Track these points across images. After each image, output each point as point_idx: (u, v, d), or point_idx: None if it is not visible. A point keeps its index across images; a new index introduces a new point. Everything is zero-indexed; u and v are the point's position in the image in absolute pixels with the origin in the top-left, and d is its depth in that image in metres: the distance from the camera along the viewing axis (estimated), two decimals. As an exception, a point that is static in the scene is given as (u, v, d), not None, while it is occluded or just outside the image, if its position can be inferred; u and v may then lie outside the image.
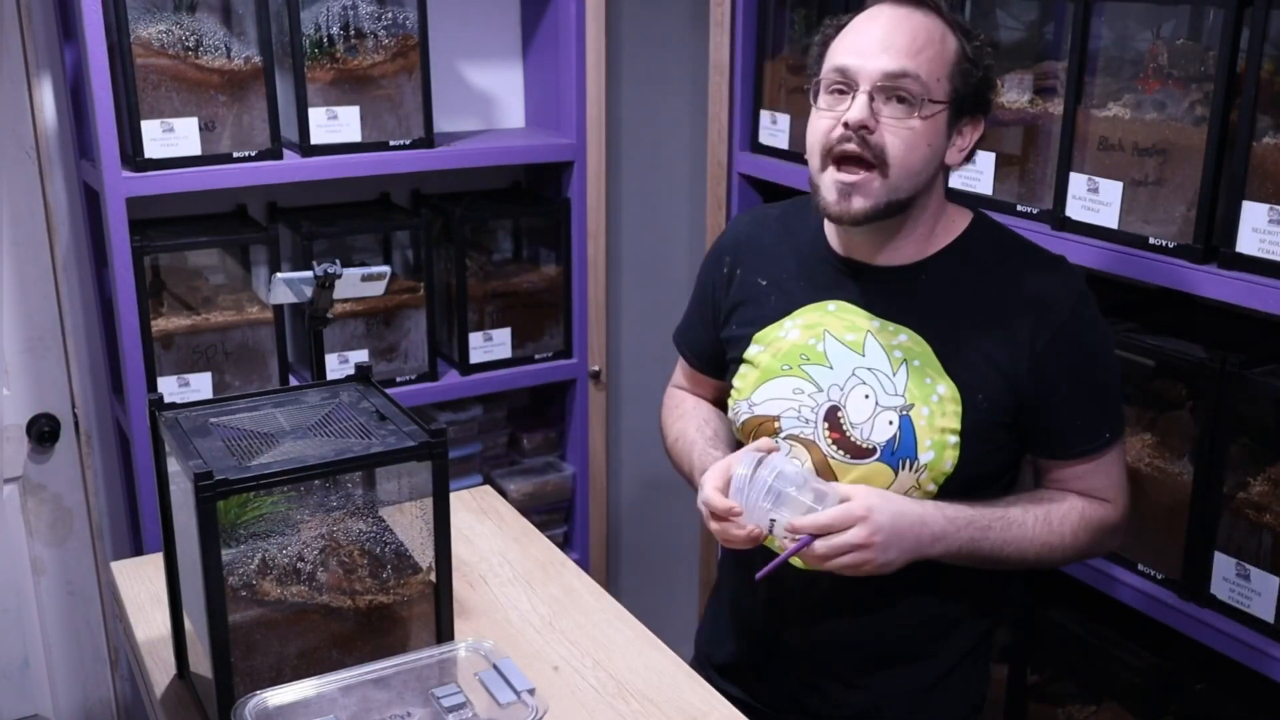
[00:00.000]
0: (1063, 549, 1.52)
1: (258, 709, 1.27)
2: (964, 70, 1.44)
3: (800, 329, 1.56)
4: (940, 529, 1.44)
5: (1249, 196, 1.57)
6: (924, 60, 1.41)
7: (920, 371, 1.48)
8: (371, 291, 1.95)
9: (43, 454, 2.54)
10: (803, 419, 1.53)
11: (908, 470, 1.49)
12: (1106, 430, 1.51)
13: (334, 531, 1.45)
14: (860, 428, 1.50)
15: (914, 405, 1.48)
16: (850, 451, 1.51)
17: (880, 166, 1.42)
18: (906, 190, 1.44)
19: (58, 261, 2.45)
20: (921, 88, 1.40)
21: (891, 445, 1.48)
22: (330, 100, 2.32)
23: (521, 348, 2.68)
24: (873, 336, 1.51)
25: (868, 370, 1.51)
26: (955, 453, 1.48)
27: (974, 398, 1.47)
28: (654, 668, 1.60)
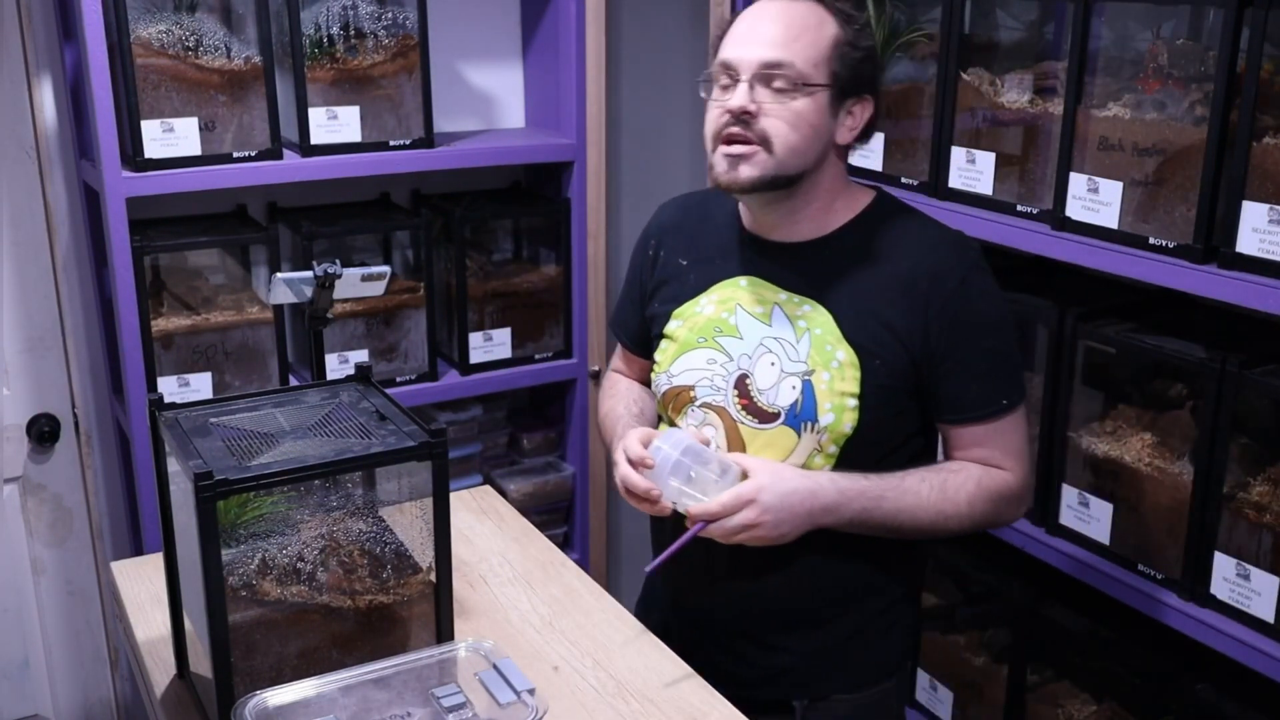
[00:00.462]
0: (959, 517, 1.57)
1: (258, 709, 1.27)
2: (842, 53, 1.53)
3: (715, 304, 1.65)
4: (832, 500, 1.52)
5: (1249, 196, 1.57)
6: (799, 48, 1.50)
7: (821, 339, 1.57)
8: (371, 291, 1.95)
9: (43, 454, 2.54)
10: (715, 388, 1.62)
11: (809, 433, 1.56)
12: (1003, 397, 1.57)
13: (334, 531, 1.45)
14: (766, 394, 1.58)
15: (815, 371, 1.56)
16: (758, 417, 1.58)
17: (764, 144, 1.51)
18: (794, 166, 1.53)
19: (58, 261, 2.45)
20: (797, 74, 1.50)
21: (794, 409, 1.56)
22: (330, 100, 2.32)
23: (521, 348, 2.68)
24: (779, 308, 1.60)
25: (774, 339, 1.59)
26: (854, 415, 1.55)
27: (871, 363, 1.55)
28: (654, 668, 1.60)
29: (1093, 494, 1.86)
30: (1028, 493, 1.63)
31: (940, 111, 2.00)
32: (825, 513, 1.52)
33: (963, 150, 1.98)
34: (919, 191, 2.06)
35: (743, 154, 1.52)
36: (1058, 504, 1.92)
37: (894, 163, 2.12)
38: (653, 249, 1.76)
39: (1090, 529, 1.87)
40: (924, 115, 2.05)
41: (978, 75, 1.96)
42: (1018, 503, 1.62)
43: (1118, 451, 1.83)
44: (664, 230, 1.77)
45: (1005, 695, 2.07)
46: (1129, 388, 1.90)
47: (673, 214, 1.78)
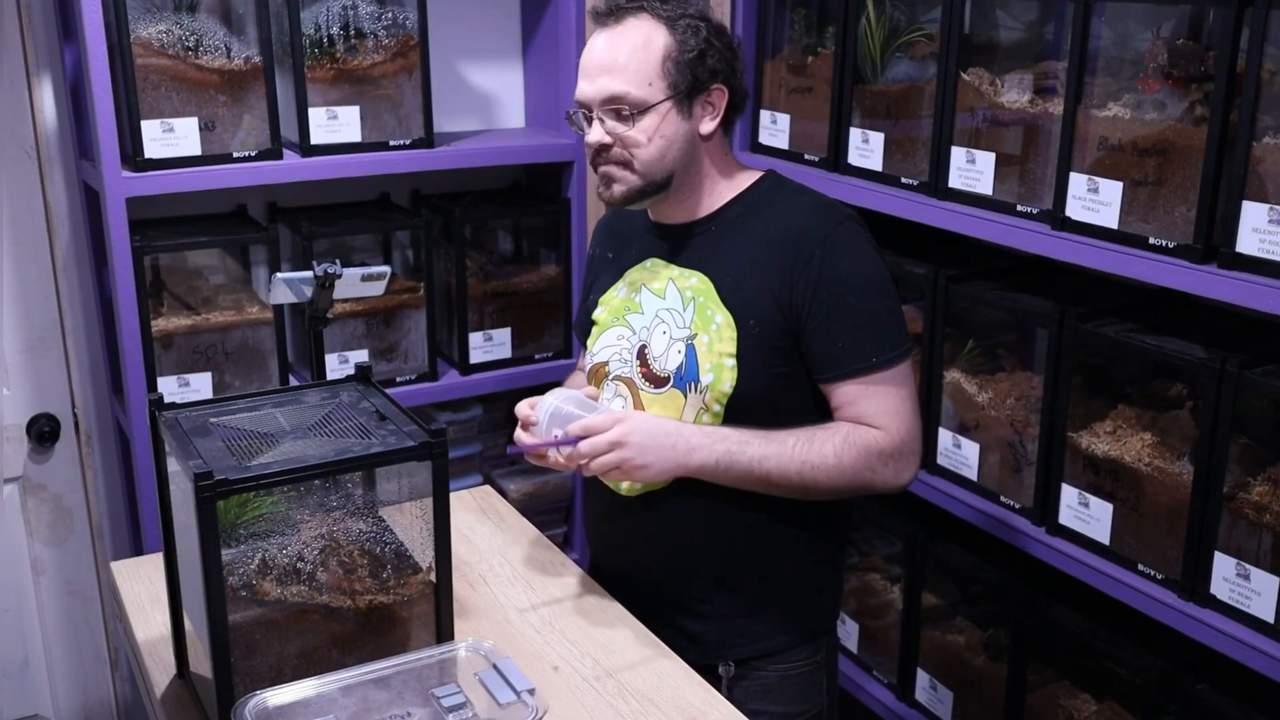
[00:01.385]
0: (826, 469, 1.62)
1: (258, 709, 1.27)
2: (675, 61, 1.62)
3: (626, 286, 1.79)
4: (696, 441, 1.61)
5: (1249, 196, 1.57)
6: (630, 74, 1.61)
7: (703, 306, 1.68)
8: (371, 291, 1.95)
9: (43, 454, 2.54)
10: (623, 360, 1.75)
11: (694, 393, 1.67)
12: (873, 355, 1.63)
13: (334, 531, 1.45)
14: (659, 360, 1.70)
15: (697, 335, 1.67)
16: (653, 382, 1.71)
17: (625, 166, 1.66)
18: (658, 174, 1.66)
19: (58, 261, 2.45)
20: (635, 100, 1.62)
21: (680, 371, 1.68)
22: (330, 100, 2.32)
23: (521, 348, 2.68)
24: (673, 283, 1.72)
25: (666, 310, 1.72)
26: (733, 374, 1.65)
27: (746, 323, 1.65)
28: (654, 668, 1.60)
29: (1093, 494, 1.86)
30: (908, 453, 1.66)
31: (940, 111, 2.00)
32: (690, 451, 1.61)
33: (963, 150, 1.98)
34: (919, 191, 2.06)
35: (609, 174, 1.67)
36: (1058, 504, 1.92)
37: (894, 163, 2.12)
38: (591, 250, 1.93)
39: (1090, 529, 1.87)
40: (924, 115, 2.05)
41: (978, 75, 1.96)
42: (894, 461, 1.65)
43: (1118, 451, 1.83)
44: (599, 232, 1.92)
45: (1005, 695, 2.07)
46: (1129, 388, 1.90)
47: (606, 217, 1.93)
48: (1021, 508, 1.99)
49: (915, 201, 2.05)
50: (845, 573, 1.99)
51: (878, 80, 2.15)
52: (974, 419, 2.06)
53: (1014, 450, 2.00)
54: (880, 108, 2.14)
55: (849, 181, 2.19)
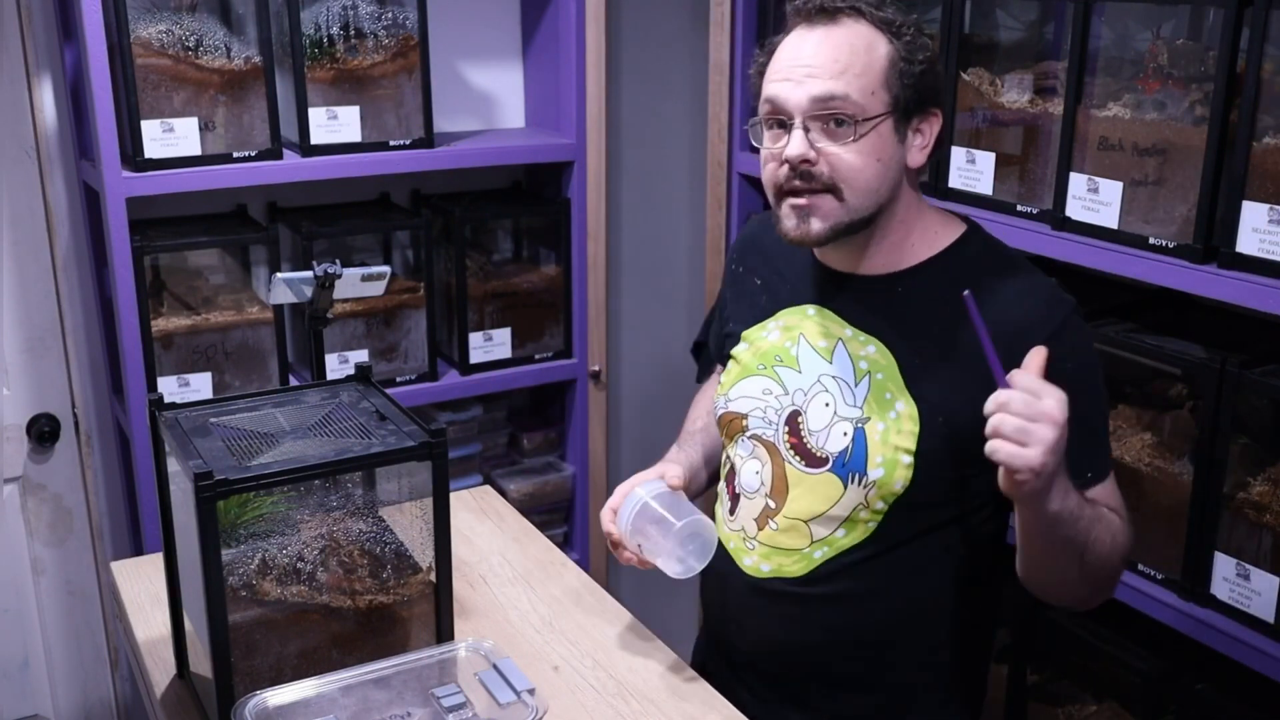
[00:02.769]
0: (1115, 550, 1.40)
1: (258, 709, 1.27)
2: (900, 72, 1.40)
3: (780, 330, 1.55)
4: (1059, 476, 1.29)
5: (1249, 196, 1.57)
6: (852, 78, 1.37)
7: (882, 385, 1.44)
8: (371, 291, 1.95)
9: (43, 454, 2.54)
10: (767, 420, 1.52)
11: (856, 485, 1.44)
12: (1089, 470, 1.41)
13: (334, 531, 1.45)
14: (817, 435, 1.47)
15: (870, 419, 1.44)
16: (805, 459, 1.48)
17: (833, 191, 1.39)
18: (867, 208, 1.41)
19: (58, 261, 2.45)
20: (855, 107, 1.37)
21: (844, 457, 1.44)
22: (330, 100, 2.32)
23: (521, 348, 2.68)
24: (843, 345, 1.48)
25: (832, 378, 1.47)
26: (908, 473, 1.42)
27: (934, 419, 1.42)
28: (654, 668, 1.60)
29: (1093, 494, 1.86)
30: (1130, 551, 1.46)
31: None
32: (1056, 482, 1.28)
33: (963, 150, 1.98)
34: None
35: (810, 205, 1.40)
36: (1058, 504, 1.92)
37: (894, 163, 2.12)
38: (734, 264, 1.67)
39: (1090, 529, 1.87)
40: (924, 115, 2.05)
41: (978, 75, 1.96)
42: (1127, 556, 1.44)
43: (1118, 451, 1.83)
44: (745, 246, 1.67)
45: (1005, 695, 2.07)
46: (1129, 388, 1.90)
47: (755, 228, 1.67)
48: (1021, 508, 1.99)
49: (915, 201, 2.05)
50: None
51: (878, 80, 2.15)
52: (974, 419, 2.06)
53: (1014, 450, 2.00)
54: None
55: (849, 181, 2.19)
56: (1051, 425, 1.21)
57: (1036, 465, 1.22)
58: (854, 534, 1.47)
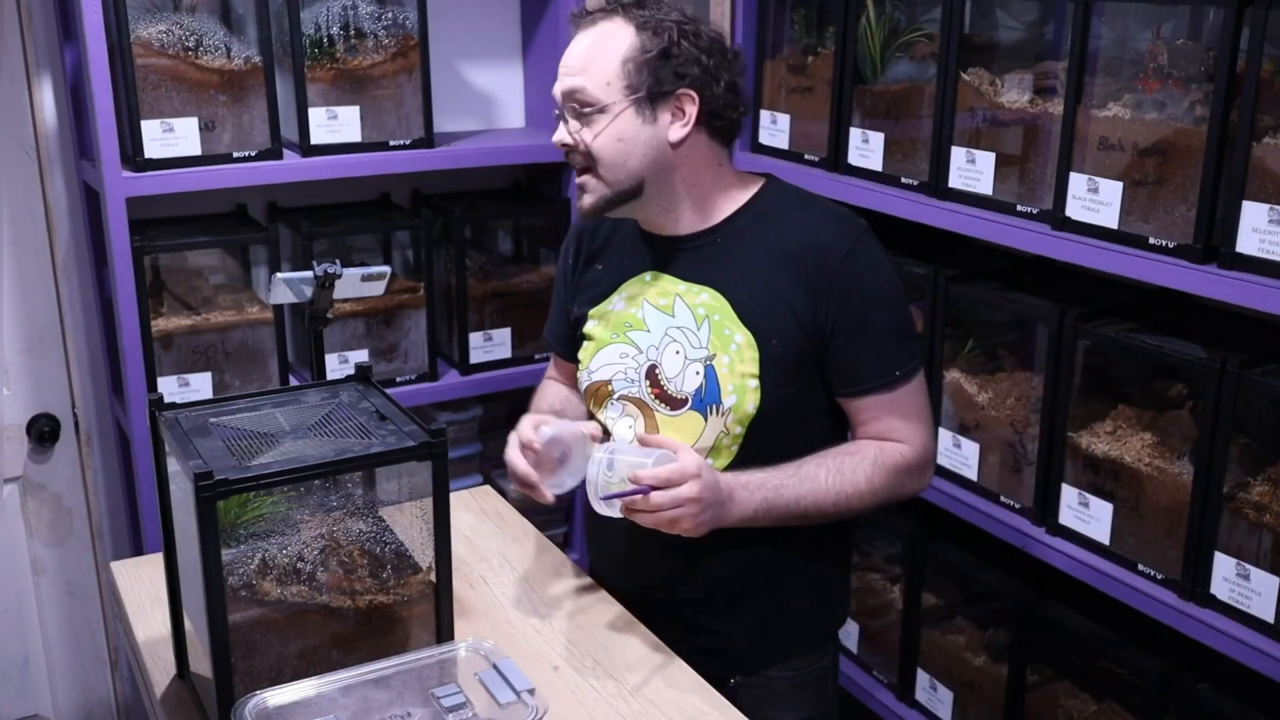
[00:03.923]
0: (859, 494, 1.61)
1: (258, 709, 1.27)
2: (636, 61, 1.57)
3: (624, 300, 1.72)
4: (737, 495, 1.55)
5: (1249, 196, 1.57)
6: (591, 72, 1.58)
7: (720, 325, 1.62)
8: (371, 291, 1.95)
9: (43, 454, 2.54)
10: (629, 380, 1.69)
11: (715, 415, 1.62)
12: (894, 368, 1.61)
13: (334, 531, 1.45)
14: (674, 381, 1.65)
15: (716, 355, 1.62)
16: (668, 403, 1.65)
17: (591, 170, 1.62)
18: (625, 180, 1.61)
19: (58, 261, 2.45)
20: (591, 98, 1.58)
21: (699, 394, 1.63)
22: (330, 100, 2.32)
23: (521, 348, 2.68)
24: (680, 299, 1.66)
25: (677, 329, 1.65)
26: (756, 395, 1.61)
27: (768, 342, 1.61)
28: (654, 668, 1.60)
29: (1093, 494, 1.86)
30: (929, 462, 1.68)
31: (940, 111, 2.00)
32: (732, 504, 1.55)
33: (963, 150, 1.98)
34: (919, 191, 2.06)
35: (582, 183, 1.64)
36: (1058, 504, 1.92)
37: (894, 163, 2.12)
38: (571, 257, 1.83)
39: (1090, 529, 1.87)
40: (924, 115, 2.05)
41: (978, 75, 1.96)
42: (919, 473, 1.67)
43: (1118, 451, 1.83)
44: (579, 238, 1.83)
45: (1005, 695, 2.07)
46: (1129, 388, 1.90)
47: (582, 224, 1.84)
48: (1021, 508, 1.99)
49: (915, 201, 2.05)
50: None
51: (878, 80, 2.15)
52: (974, 419, 2.06)
53: (1014, 450, 2.00)
54: (880, 108, 2.14)
55: (849, 181, 2.19)
56: (692, 504, 1.48)
57: (691, 532, 1.51)
58: (720, 460, 1.64)
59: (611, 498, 1.52)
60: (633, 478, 1.50)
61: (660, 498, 1.49)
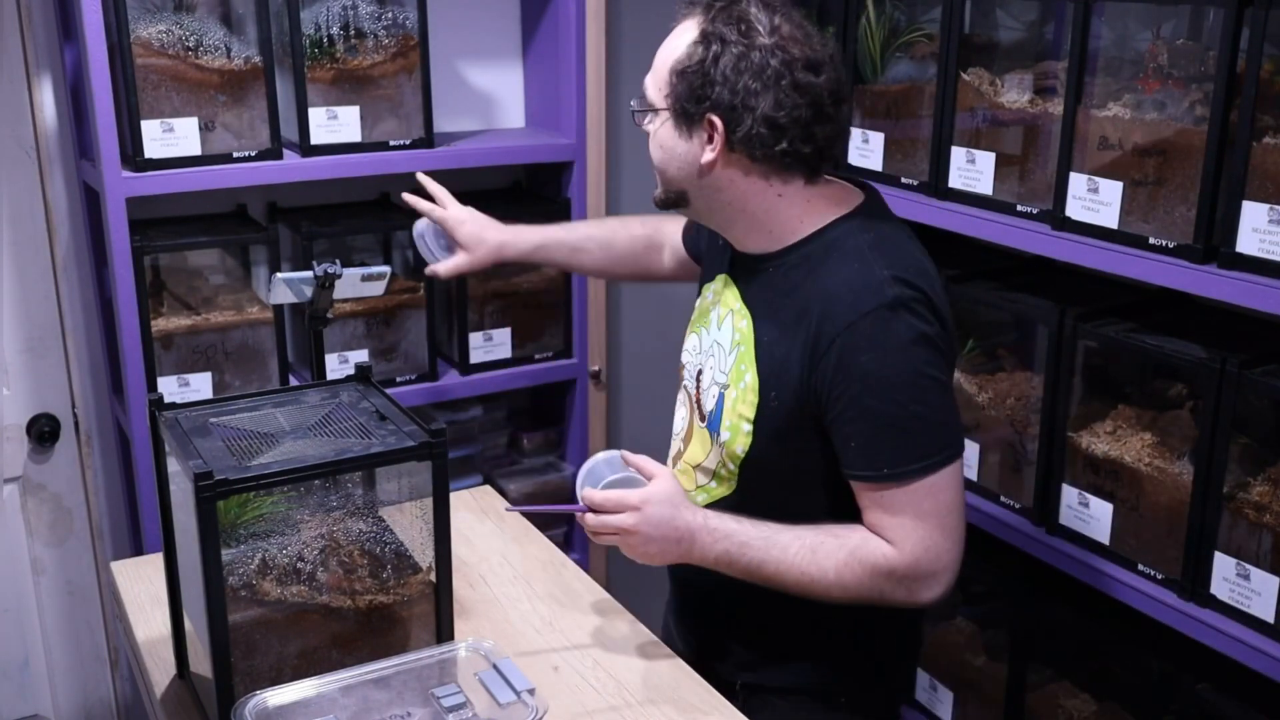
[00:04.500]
0: (825, 584, 1.48)
1: (258, 709, 1.27)
2: (680, 71, 1.49)
3: (712, 294, 1.69)
4: (700, 539, 1.50)
5: (1249, 196, 1.57)
6: (656, 73, 1.53)
7: (741, 358, 1.57)
8: (371, 291, 1.95)
9: (43, 454, 2.54)
10: (689, 374, 1.70)
11: (715, 444, 1.61)
12: (885, 466, 1.45)
13: (334, 531, 1.45)
14: (705, 394, 1.64)
15: (729, 386, 1.58)
16: (699, 414, 1.65)
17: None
18: (670, 185, 1.58)
19: (58, 261, 2.45)
20: (645, 99, 1.55)
21: (712, 417, 1.61)
22: (330, 100, 2.32)
23: (521, 348, 2.68)
24: (731, 316, 1.62)
25: (717, 345, 1.63)
26: (747, 440, 1.55)
27: (768, 393, 1.52)
28: (654, 668, 1.60)
29: (1093, 494, 1.86)
30: (924, 575, 1.47)
31: (940, 111, 2.00)
32: (693, 544, 1.50)
33: (963, 150, 1.98)
34: (919, 191, 2.06)
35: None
36: (1058, 504, 1.92)
37: (894, 163, 2.12)
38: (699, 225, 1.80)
39: (1090, 529, 1.87)
40: (924, 115, 2.05)
41: (978, 75, 1.96)
42: (908, 583, 1.47)
43: (1118, 451, 1.83)
44: None
45: (1005, 695, 2.07)
46: (1129, 388, 1.90)
47: None
48: (1021, 508, 1.99)
49: (915, 201, 2.05)
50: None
51: (878, 80, 2.15)
52: (974, 419, 2.06)
53: (1014, 450, 2.00)
54: (880, 108, 2.14)
55: (849, 181, 2.19)
56: (627, 534, 1.48)
57: (639, 559, 1.51)
58: (722, 486, 1.63)
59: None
60: (584, 495, 1.52)
61: (591, 520, 1.50)
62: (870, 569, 1.47)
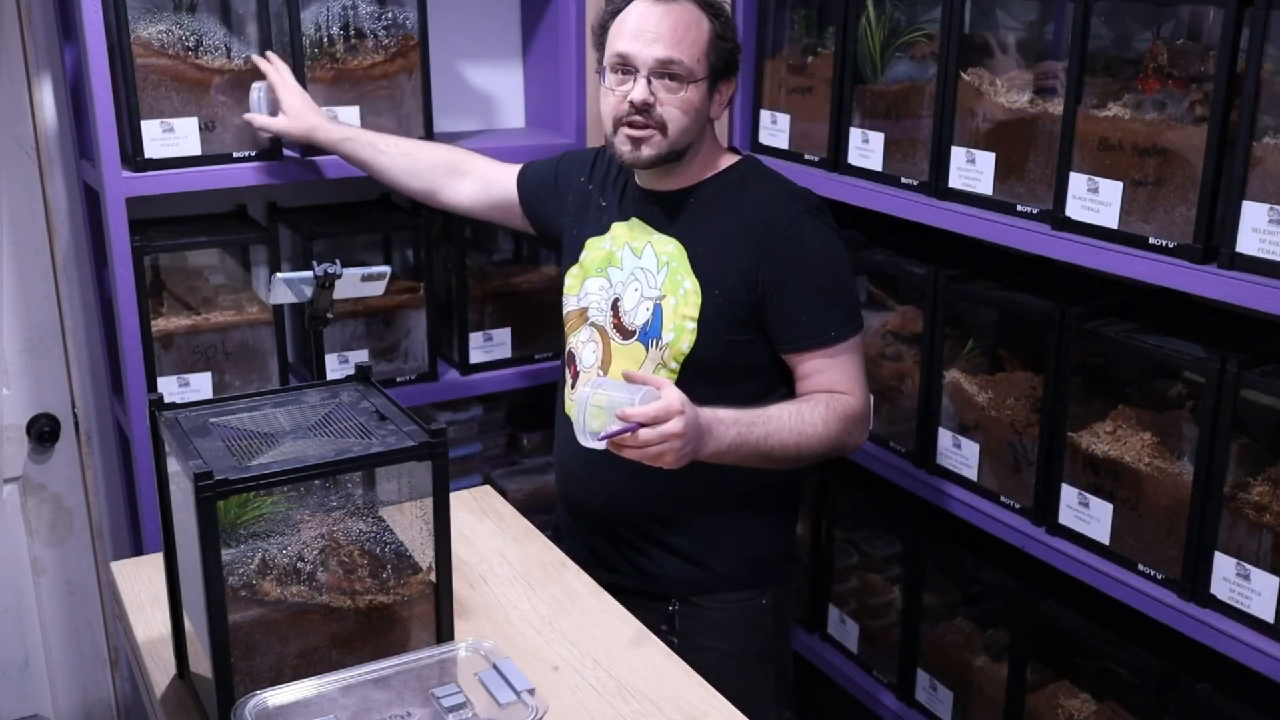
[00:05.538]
0: (817, 437, 1.77)
1: (258, 709, 1.27)
2: (717, 47, 1.82)
3: (611, 240, 1.96)
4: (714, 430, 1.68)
5: (1249, 196, 1.57)
6: (686, 46, 1.79)
7: (675, 271, 1.86)
8: (371, 291, 1.95)
9: (43, 454, 2.54)
10: (600, 309, 1.94)
11: (655, 349, 1.86)
12: (830, 329, 1.81)
13: (334, 531, 1.45)
14: (629, 314, 1.89)
15: (665, 296, 1.86)
16: (621, 333, 1.90)
17: (660, 129, 1.81)
18: (682, 144, 1.84)
19: (58, 261, 2.45)
20: (686, 70, 1.79)
21: (645, 328, 1.87)
22: (330, 100, 2.31)
23: (521, 348, 2.67)
24: (651, 245, 1.90)
25: (641, 270, 1.90)
26: (692, 336, 1.84)
27: (711, 292, 1.83)
28: (654, 668, 1.60)
29: (1093, 494, 1.86)
30: (868, 416, 1.87)
31: (940, 111, 2.00)
32: (710, 437, 1.68)
33: (963, 150, 1.98)
34: (919, 191, 2.06)
35: (642, 137, 1.81)
36: (1057, 504, 1.92)
37: (894, 163, 2.12)
38: (569, 174, 2.07)
39: (1090, 529, 1.87)
40: (924, 115, 2.05)
41: (978, 75, 1.96)
42: (862, 424, 1.85)
43: (1118, 451, 1.83)
44: (583, 163, 2.07)
45: (1005, 695, 2.07)
46: (1129, 388, 1.90)
47: (594, 154, 2.08)
48: (1021, 508, 1.99)
49: (915, 201, 2.05)
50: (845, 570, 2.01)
51: (878, 80, 2.15)
52: (974, 419, 2.06)
53: (1014, 450, 2.00)
54: (880, 108, 2.14)
55: (849, 181, 2.19)
56: (676, 439, 1.60)
57: (671, 465, 1.63)
58: None
59: (604, 437, 1.60)
60: (621, 414, 1.58)
61: (648, 434, 1.59)
62: (842, 416, 1.80)
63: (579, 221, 2.03)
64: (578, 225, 2.03)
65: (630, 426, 1.58)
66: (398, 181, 2.22)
